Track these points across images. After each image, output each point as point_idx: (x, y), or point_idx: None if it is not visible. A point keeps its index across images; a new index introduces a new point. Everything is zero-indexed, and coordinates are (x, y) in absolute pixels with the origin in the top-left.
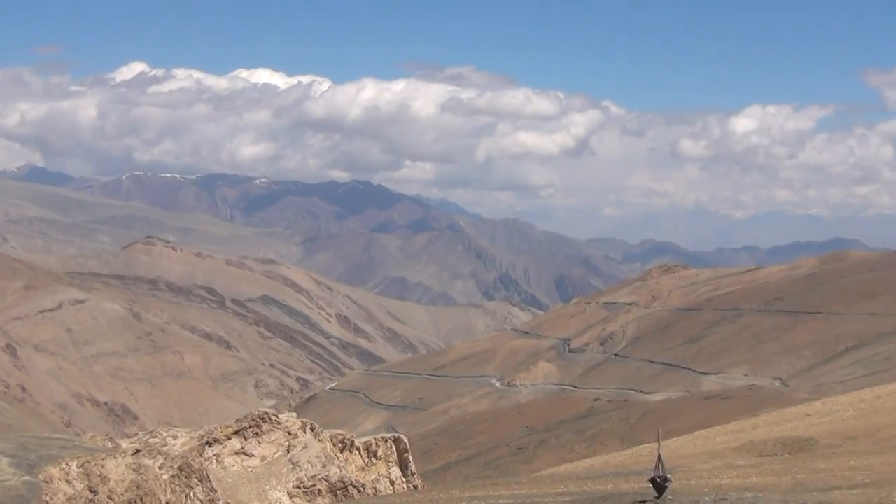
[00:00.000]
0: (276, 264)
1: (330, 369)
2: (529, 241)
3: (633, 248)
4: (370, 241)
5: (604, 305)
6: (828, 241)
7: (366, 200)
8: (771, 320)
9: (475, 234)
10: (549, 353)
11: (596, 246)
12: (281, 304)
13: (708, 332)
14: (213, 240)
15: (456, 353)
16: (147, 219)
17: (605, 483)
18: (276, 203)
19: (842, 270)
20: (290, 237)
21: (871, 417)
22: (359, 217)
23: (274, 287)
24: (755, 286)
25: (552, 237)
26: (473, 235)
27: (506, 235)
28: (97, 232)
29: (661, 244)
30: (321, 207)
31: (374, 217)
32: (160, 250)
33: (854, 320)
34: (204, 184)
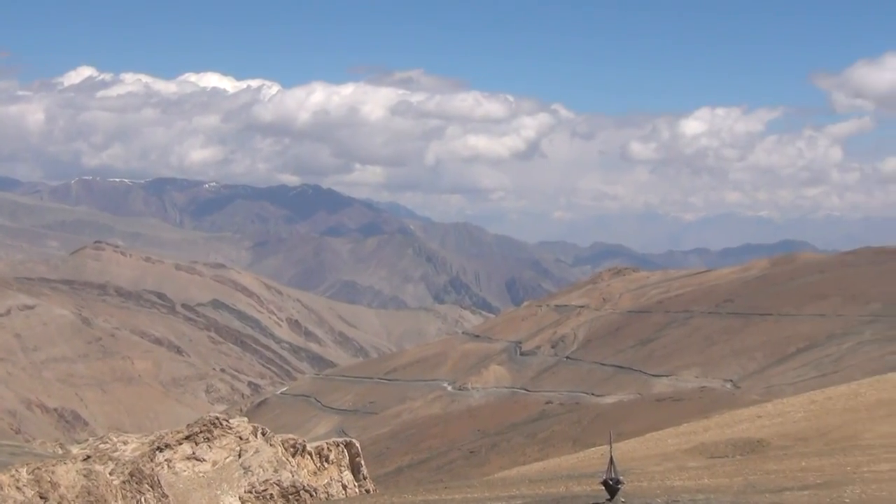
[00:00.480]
0: (226, 269)
1: (281, 374)
2: (480, 244)
3: (584, 251)
4: (320, 244)
5: (555, 308)
6: (778, 242)
7: (316, 204)
8: (722, 322)
9: (426, 238)
10: (500, 356)
11: (547, 249)
12: (231, 309)
13: (659, 334)
14: (163, 244)
15: (407, 357)
16: (96, 223)
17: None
18: (225, 207)
19: (792, 272)
20: (240, 241)
21: (821, 419)
22: (309, 221)
23: (224, 291)
24: (706, 288)
25: (503, 240)
26: (424, 239)
27: (456, 239)
28: (45, 237)
29: (611, 247)
30: (271, 211)
31: (325, 221)
32: (109, 255)
33: (804, 322)
34: (153, 188)
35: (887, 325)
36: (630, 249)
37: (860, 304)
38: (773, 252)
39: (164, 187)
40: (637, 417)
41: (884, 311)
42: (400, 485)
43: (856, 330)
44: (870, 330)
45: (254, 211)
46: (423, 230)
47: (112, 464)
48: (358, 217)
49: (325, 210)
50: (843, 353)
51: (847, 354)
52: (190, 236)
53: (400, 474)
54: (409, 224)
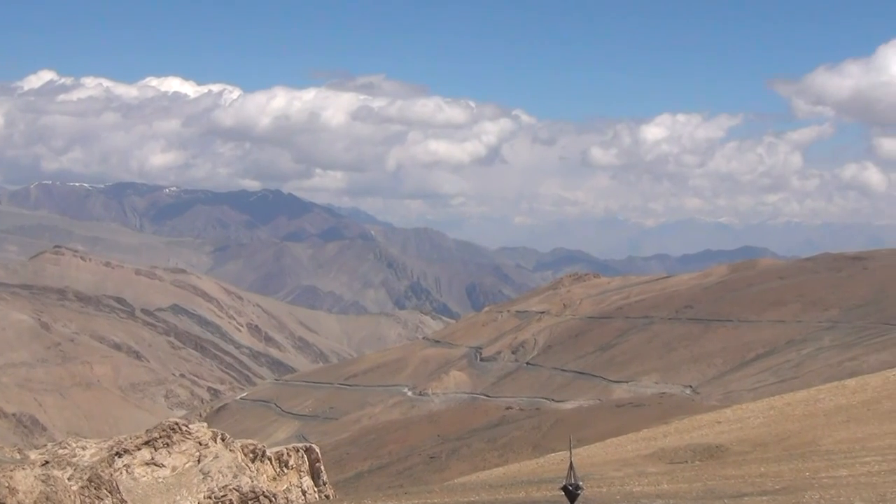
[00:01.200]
0: (186, 274)
1: (241, 379)
2: (441, 249)
3: (545, 257)
4: (281, 250)
5: (515, 314)
6: (737, 249)
7: (276, 209)
8: (682, 328)
9: (386, 243)
10: (460, 361)
11: (507, 254)
12: (191, 314)
13: (619, 340)
14: (123, 249)
15: (367, 363)
16: (55, 228)
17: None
18: (185, 212)
19: (751, 278)
20: (200, 246)
21: (780, 424)
22: (269, 226)
23: (184, 296)
24: (666, 294)
25: (463, 246)
26: (385, 244)
27: (417, 244)
28: (4, 241)
29: (572, 252)
30: (231, 216)
31: (285, 226)
32: (69, 260)
33: (764, 328)
34: (113, 193)
35: (846, 331)
36: (590, 255)
37: (819, 311)
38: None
39: (124, 192)
40: (597, 423)
41: (842, 317)
42: (360, 490)
43: (815, 336)
44: (829, 336)
45: (214, 216)
46: (384, 235)
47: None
48: (319, 222)
49: (286, 215)
50: (803, 359)
51: (806, 360)
52: (150, 241)
53: (360, 480)
54: (369, 229)
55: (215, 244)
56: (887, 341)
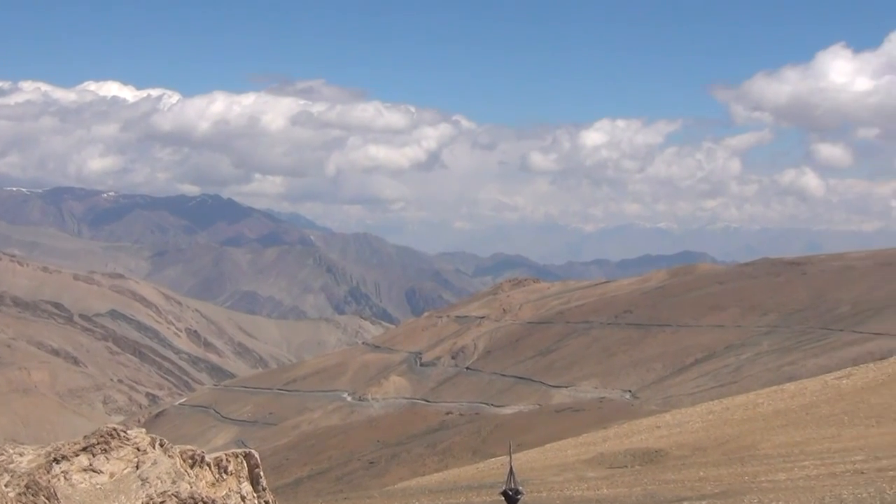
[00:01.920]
0: (125, 279)
1: (179, 385)
2: (380, 254)
3: (484, 262)
4: (220, 255)
5: (455, 319)
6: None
7: (215, 214)
8: (621, 333)
9: (326, 248)
10: (400, 366)
11: (447, 259)
12: (129, 319)
13: (559, 345)
14: (61, 254)
15: (307, 368)
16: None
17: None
18: (124, 217)
19: (690, 283)
20: (139, 251)
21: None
22: (208, 231)
23: (122, 302)
24: (605, 299)
25: (403, 251)
26: (324, 249)
27: (356, 249)
28: None
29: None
30: (170, 221)
31: (224, 231)
32: (6, 265)
33: (703, 332)
34: (50, 197)
35: (784, 335)
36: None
37: (758, 315)
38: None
39: (62, 196)
40: (537, 428)
41: (781, 321)
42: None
43: (754, 341)
44: (767, 341)
45: (153, 221)
46: (324, 241)
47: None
48: (258, 227)
49: (225, 220)
50: (742, 364)
51: (745, 365)
52: (88, 246)
53: (299, 485)
54: (309, 234)
55: (154, 249)
56: (825, 346)
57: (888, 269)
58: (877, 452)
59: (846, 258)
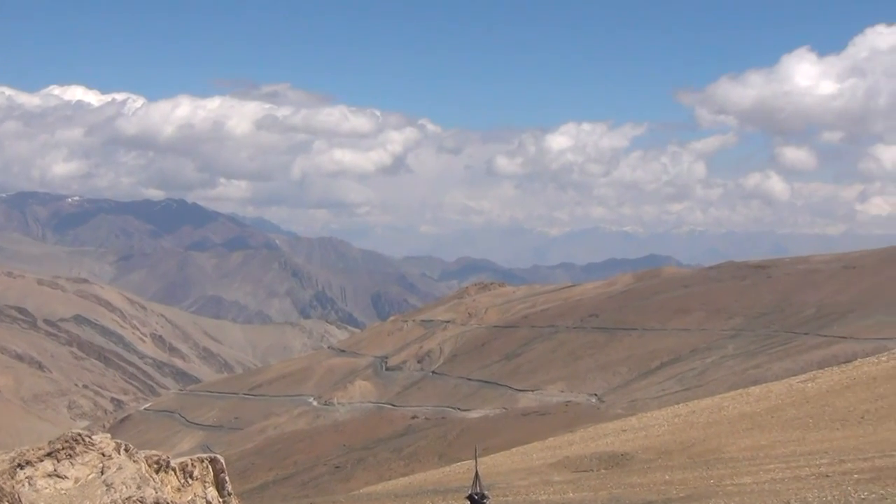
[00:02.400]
0: (90, 284)
1: (145, 390)
2: (346, 259)
3: (450, 266)
4: (185, 259)
5: (421, 323)
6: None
7: (180, 219)
8: (587, 337)
9: (291, 253)
10: (366, 371)
11: (412, 264)
12: (94, 324)
13: (524, 349)
14: (25, 259)
15: (272, 372)
16: None
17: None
18: (88, 221)
19: (656, 287)
20: (104, 256)
21: (685, 432)
22: (173, 235)
23: (87, 307)
24: (571, 303)
25: (368, 255)
26: (289, 254)
27: (322, 254)
28: None
29: (477, 261)
30: (135, 226)
31: (189, 235)
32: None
33: (668, 336)
34: (15, 202)
35: (749, 339)
36: (496, 264)
37: (723, 319)
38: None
39: (26, 201)
40: (503, 432)
41: (746, 325)
42: (265, 501)
43: (719, 344)
44: (732, 344)
45: (118, 225)
46: (289, 245)
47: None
48: (223, 231)
49: (190, 224)
50: (707, 368)
51: (710, 368)
52: (52, 251)
53: (265, 490)
54: (274, 239)
55: (119, 254)
56: (790, 349)
57: (852, 272)
58: (842, 455)
59: (811, 261)
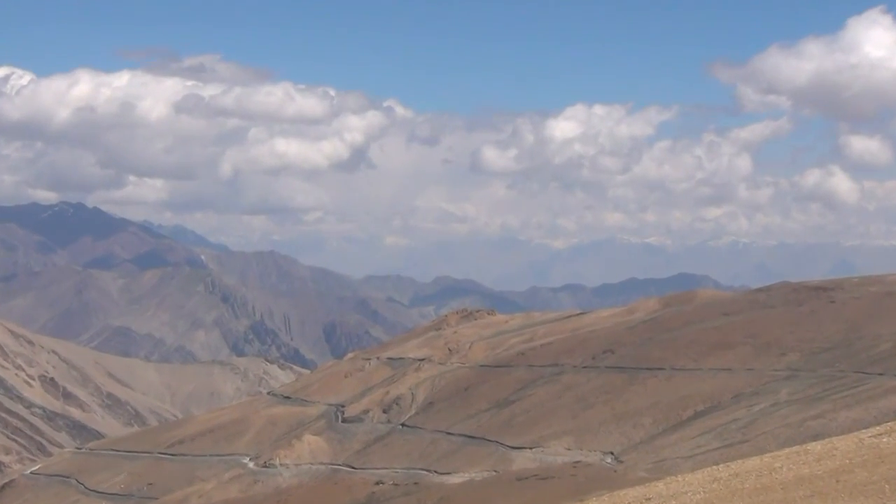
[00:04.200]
0: None
1: (32, 447)
2: (291, 279)
3: (425, 288)
4: (84, 280)
5: (387, 362)
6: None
7: (78, 228)
8: (600, 379)
9: (221, 271)
10: (317, 423)
11: (377, 285)
12: None
13: (521, 394)
14: None
15: (197, 426)
16: None
17: None
18: None
19: (689, 315)
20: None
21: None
22: (69, 249)
23: None
24: (580, 336)
25: (320, 274)
26: (219, 272)
27: (261, 272)
28: None
29: (459, 282)
30: (19, 237)
31: (90, 249)
32: None
33: (705, 378)
34: None
35: (808, 381)
36: (483, 286)
37: (774, 356)
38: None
39: None
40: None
41: (804, 363)
42: None
43: (769, 388)
44: (786, 388)
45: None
46: (218, 261)
47: None
48: (133, 244)
49: (91, 235)
50: (754, 418)
51: (758, 419)
52: None
53: None
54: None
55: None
56: (860, 394)
57: None
58: None
59: (886, 282)
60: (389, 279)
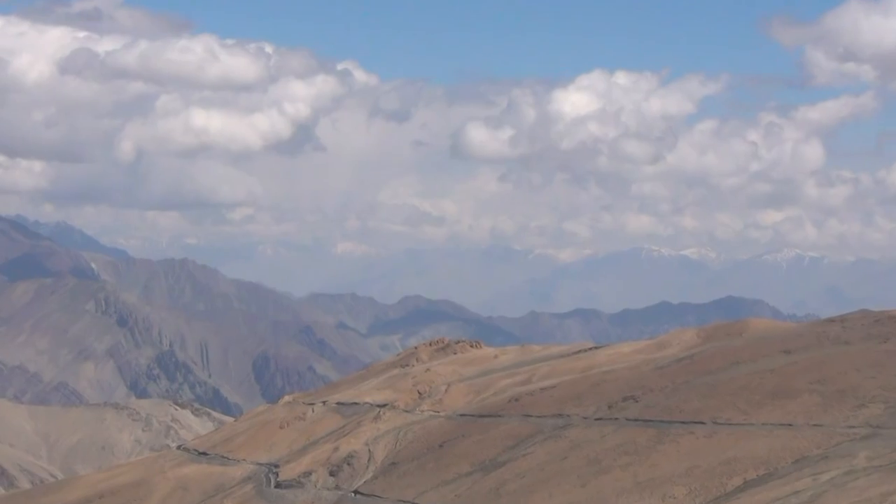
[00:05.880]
0: None
1: None
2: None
3: (388, 311)
4: None
5: (336, 408)
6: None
7: None
8: (619, 435)
9: (118, 285)
10: (242, 488)
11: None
12: None
13: (513, 454)
14: None
15: (82, 489)
16: None
17: None
18: None
19: (737, 351)
20: None
21: None
22: None
23: None
24: (593, 377)
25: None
26: (115, 286)
27: (171, 287)
28: None
29: (434, 304)
30: None
31: None
32: None
33: (757, 436)
34: None
35: (894, 442)
36: (466, 309)
37: (850, 408)
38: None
39: None
40: None
41: (889, 418)
42: None
43: (843, 450)
44: (865, 451)
45: None
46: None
47: None
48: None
49: None
50: (823, 490)
51: (829, 491)
52: None
53: None
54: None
55: None
56: None
57: None
58: None
59: None
60: (341, 299)
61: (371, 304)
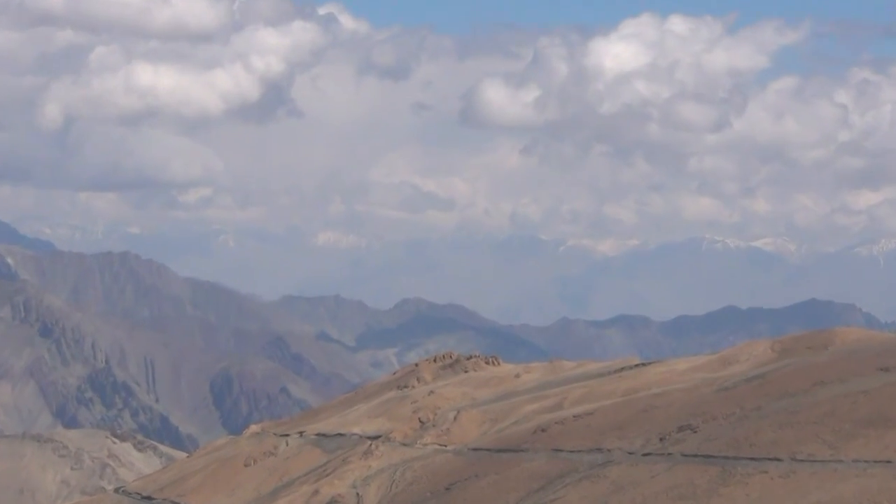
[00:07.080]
0: None
1: None
2: (159, 298)
3: (382, 318)
4: None
5: (317, 440)
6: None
7: None
8: (672, 474)
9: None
10: None
11: (300, 311)
12: None
13: (540, 497)
14: None
15: None
16: None
17: None
18: None
19: (823, 370)
20: None
21: None
22: None
23: None
24: (640, 402)
25: (207, 292)
26: (37, 287)
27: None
28: None
29: (439, 309)
30: None
31: None
32: None
33: (848, 474)
34: None
35: None
36: (480, 315)
37: None
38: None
39: None
40: None
41: None
42: None
43: None
44: None
45: None
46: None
47: None
48: None
49: None
50: None
51: None
52: None
53: None
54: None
55: None
56: None
57: None
58: None
59: None
60: (323, 302)
61: (360, 310)
